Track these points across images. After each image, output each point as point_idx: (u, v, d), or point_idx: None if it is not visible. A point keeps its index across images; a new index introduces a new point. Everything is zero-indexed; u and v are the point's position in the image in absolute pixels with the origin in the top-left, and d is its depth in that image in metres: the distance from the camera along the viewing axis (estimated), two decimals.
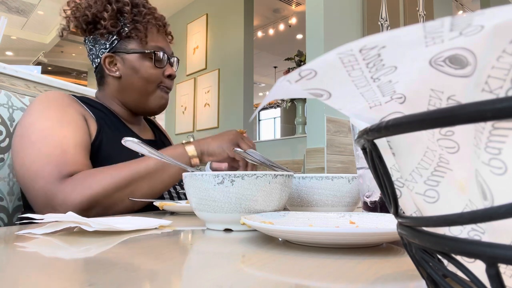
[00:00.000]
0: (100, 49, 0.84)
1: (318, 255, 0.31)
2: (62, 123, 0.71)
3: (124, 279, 0.24)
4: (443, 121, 0.11)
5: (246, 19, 4.42)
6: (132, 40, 0.83)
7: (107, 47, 0.83)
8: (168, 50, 0.88)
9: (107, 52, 0.83)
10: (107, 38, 0.83)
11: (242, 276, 0.26)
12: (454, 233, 0.17)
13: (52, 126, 0.70)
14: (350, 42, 0.13)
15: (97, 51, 0.84)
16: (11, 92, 0.86)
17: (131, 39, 0.83)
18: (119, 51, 0.83)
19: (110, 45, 0.83)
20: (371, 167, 0.18)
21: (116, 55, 0.83)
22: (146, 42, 0.83)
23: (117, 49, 0.83)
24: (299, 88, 0.16)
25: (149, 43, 0.84)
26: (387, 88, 0.16)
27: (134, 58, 0.83)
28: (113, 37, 0.83)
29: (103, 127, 0.78)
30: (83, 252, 0.35)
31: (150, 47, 0.84)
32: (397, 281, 0.25)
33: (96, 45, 0.84)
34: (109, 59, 0.84)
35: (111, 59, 0.84)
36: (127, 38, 0.83)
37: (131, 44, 0.83)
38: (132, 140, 0.53)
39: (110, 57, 0.83)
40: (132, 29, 0.82)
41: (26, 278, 0.25)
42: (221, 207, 0.44)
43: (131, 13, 0.82)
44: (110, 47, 0.83)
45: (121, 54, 0.83)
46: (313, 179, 0.57)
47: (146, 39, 0.83)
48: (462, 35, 0.12)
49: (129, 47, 0.83)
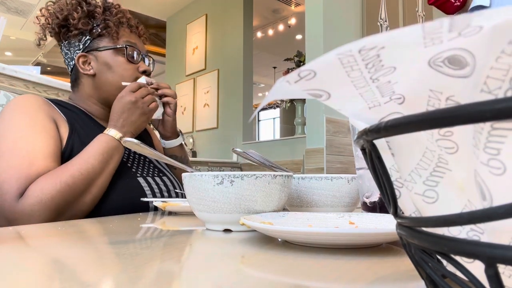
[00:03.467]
0: (74, 51, 0.86)
1: (317, 256, 0.31)
2: (32, 132, 0.71)
3: (123, 279, 0.24)
4: (442, 122, 0.11)
5: (246, 19, 4.42)
6: (103, 38, 0.85)
7: (80, 48, 0.85)
8: (141, 47, 0.90)
9: (80, 52, 0.85)
10: (79, 39, 0.85)
11: (242, 277, 0.26)
12: (453, 233, 0.17)
13: (21, 136, 0.70)
14: (349, 43, 0.14)
15: (72, 53, 0.87)
16: (10, 93, 0.86)
17: (102, 37, 0.85)
18: (91, 49, 0.85)
19: (83, 45, 0.85)
20: (370, 167, 0.18)
21: (89, 54, 0.85)
22: (117, 38, 0.85)
23: (90, 48, 0.85)
24: (299, 88, 0.16)
25: (120, 39, 0.86)
26: (386, 89, 0.16)
27: (107, 54, 0.85)
28: (86, 37, 0.85)
29: (75, 128, 0.79)
30: (83, 252, 0.34)
31: (121, 43, 0.86)
32: (397, 281, 0.25)
33: (70, 48, 0.87)
34: (82, 59, 0.85)
35: (85, 59, 0.85)
36: (99, 37, 0.85)
37: (103, 42, 0.85)
38: (132, 141, 0.53)
39: (84, 56, 0.85)
40: (104, 28, 0.84)
41: (26, 278, 0.25)
42: (221, 207, 0.44)
43: (102, 14, 0.85)
44: (83, 47, 0.85)
45: (94, 52, 0.85)
46: (313, 180, 0.57)
47: (117, 36, 0.85)
48: (461, 36, 0.12)
49: (101, 45, 0.85)
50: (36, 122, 0.73)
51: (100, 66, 0.85)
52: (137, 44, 0.89)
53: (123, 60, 0.86)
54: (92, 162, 0.70)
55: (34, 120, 0.73)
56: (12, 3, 5.36)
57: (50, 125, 0.74)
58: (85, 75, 0.86)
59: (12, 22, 5.82)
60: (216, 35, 4.68)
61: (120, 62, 0.85)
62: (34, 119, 0.73)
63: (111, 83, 0.85)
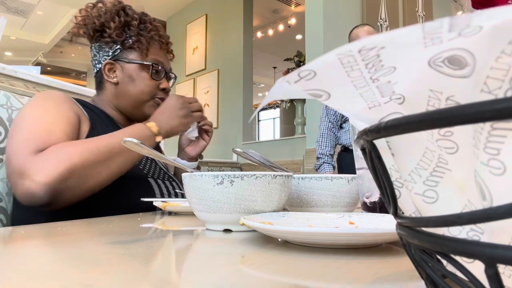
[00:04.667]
0: (103, 56, 0.89)
1: (317, 256, 0.31)
2: (55, 114, 0.73)
3: (123, 279, 0.24)
4: (442, 122, 0.11)
5: (246, 19, 4.42)
6: (133, 51, 0.88)
7: (109, 55, 0.88)
8: (166, 66, 0.93)
9: (109, 59, 0.88)
10: (110, 47, 0.88)
11: (242, 277, 0.26)
12: (453, 233, 0.17)
13: (44, 114, 0.72)
14: (349, 43, 0.14)
15: (100, 57, 0.89)
16: (10, 93, 0.86)
17: (133, 50, 0.88)
18: (120, 59, 0.88)
19: (113, 53, 0.88)
20: (370, 167, 0.18)
21: (116, 63, 0.88)
22: (146, 54, 0.89)
23: (118, 58, 0.88)
24: (299, 88, 0.16)
25: (149, 56, 0.89)
26: (386, 89, 0.16)
27: (133, 68, 0.88)
28: (117, 46, 0.88)
29: (96, 128, 0.81)
30: (83, 252, 0.34)
31: (149, 60, 0.89)
32: (396, 281, 0.25)
33: (100, 52, 0.89)
34: (109, 66, 0.88)
35: (111, 66, 0.89)
36: (129, 49, 0.88)
37: (132, 55, 0.88)
38: (132, 141, 0.53)
39: (111, 64, 0.88)
40: (136, 41, 0.88)
41: (25, 278, 0.25)
42: (221, 207, 0.44)
43: (137, 27, 0.88)
44: (112, 55, 0.88)
45: (121, 62, 0.88)
46: (313, 180, 0.57)
47: (147, 52, 0.88)
48: (461, 36, 0.12)
49: (130, 57, 0.88)
50: (60, 109, 0.75)
51: (124, 77, 0.88)
52: (164, 63, 0.92)
53: (147, 76, 0.89)
54: (117, 141, 0.71)
55: (58, 107, 0.76)
56: (12, 3, 5.36)
57: (73, 116, 0.77)
58: (108, 82, 0.89)
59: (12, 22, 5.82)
60: (216, 35, 4.68)
61: (143, 77, 0.88)
62: (59, 106, 0.76)
63: (131, 96, 0.89)
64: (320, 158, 2.12)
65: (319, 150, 2.12)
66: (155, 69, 0.89)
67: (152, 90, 0.90)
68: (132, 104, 0.89)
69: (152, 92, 0.90)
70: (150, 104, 0.91)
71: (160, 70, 0.90)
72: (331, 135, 2.12)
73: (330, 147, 2.11)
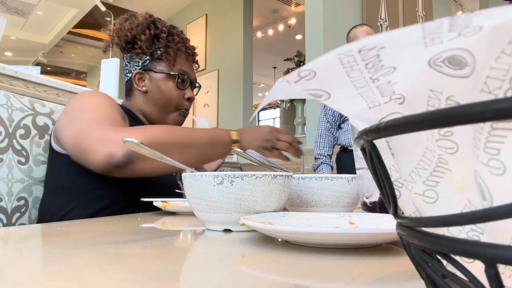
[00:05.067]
0: (133, 65, 0.96)
1: (317, 256, 0.31)
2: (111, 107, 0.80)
3: (123, 279, 0.24)
4: (442, 122, 0.11)
5: (246, 19, 4.42)
6: (162, 61, 0.95)
7: (139, 65, 0.95)
8: (192, 76, 1.00)
9: (139, 69, 0.95)
10: (140, 57, 0.95)
11: (242, 277, 0.26)
12: (453, 233, 0.17)
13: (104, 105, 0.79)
14: (349, 43, 0.14)
15: (131, 67, 0.96)
16: (10, 93, 0.86)
17: (161, 61, 0.95)
18: (149, 69, 0.95)
19: (142, 63, 0.95)
20: (370, 167, 0.18)
21: (145, 73, 0.95)
22: (173, 65, 0.95)
23: (147, 68, 0.95)
24: (299, 88, 0.16)
25: (176, 67, 0.95)
26: (386, 89, 0.16)
27: (160, 77, 0.94)
28: (146, 57, 0.95)
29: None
30: (82, 252, 0.34)
31: (176, 70, 0.95)
32: (396, 281, 0.25)
33: (131, 62, 0.96)
34: (139, 76, 0.95)
35: (141, 76, 0.95)
36: (158, 60, 0.95)
37: (159, 65, 0.95)
38: (132, 141, 0.53)
39: (140, 74, 0.95)
40: (164, 53, 0.94)
41: (25, 278, 0.25)
42: (221, 207, 0.44)
43: (166, 40, 0.94)
44: (142, 65, 0.95)
45: (150, 72, 0.95)
46: (313, 180, 0.57)
47: (174, 63, 0.95)
48: (461, 36, 0.12)
49: (158, 68, 0.94)
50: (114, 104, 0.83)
51: (152, 86, 0.94)
52: (189, 73, 0.98)
53: (173, 86, 0.95)
54: (198, 136, 0.76)
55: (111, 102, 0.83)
56: (12, 3, 5.36)
57: (122, 112, 0.84)
58: (137, 90, 0.96)
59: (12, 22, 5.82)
60: (216, 35, 4.68)
61: (170, 87, 0.95)
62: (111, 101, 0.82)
63: (158, 104, 0.95)
64: (318, 159, 2.11)
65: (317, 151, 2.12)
66: (180, 78, 0.95)
67: (177, 99, 0.96)
68: (158, 112, 0.95)
69: (177, 101, 0.96)
70: (174, 115, 0.97)
71: (186, 80, 0.96)
72: (329, 135, 2.12)
73: (328, 148, 2.11)
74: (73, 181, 0.80)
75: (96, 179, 0.74)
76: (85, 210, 0.77)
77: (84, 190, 0.79)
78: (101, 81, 1.96)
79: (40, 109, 0.90)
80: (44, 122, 0.90)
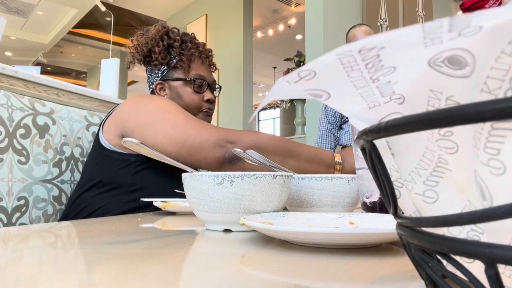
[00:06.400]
0: (154, 77, 1.01)
1: (317, 256, 0.31)
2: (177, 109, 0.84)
3: (123, 279, 0.24)
4: (442, 122, 0.11)
5: (246, 19, 4.42)
6: (177, 69, 0.99)
7: (158, 76, 1.00)
8: (209, 78, 1.03)
9: (159, 80, 1.00)
10: (159, 68, 1.00)
11: (242, 277, 0.26)
12: (453, 233, 0.17)
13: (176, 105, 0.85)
14: (349, 43, 0.14)
15: (152, 78, 1.02)
16: (11, 93, 0.86)
17: (177, 69, 0.99)
18: (167, 79, 0.99)
19: (161, 74, 1.00)
20: (370, 167, 0.18)
21: (165, 83, 1.00)
22: (188, 71, 0.99)
23: (166, 77, 1.00)
24: (299, 88, 0.16)
25: (191, 72, 0.99)
26: (386, 89, 0.16)
27: (178, 85, 0.99)
28: (164, 67, 1.00)
29: None
30: (83, 252, 0.34)
31: (191, 75, 0.99)
32: (397, 281, 0.25)
33: (152, 74, 1.02)
34: (159, 86, 1.00)
35: (161, 86, 1.00)
36: (174, 68, 0.99)
37: (176, 73, 0.99)
38: (132, 141, 0.53)
39: (161, 84, 1.00)
40: (178, 61, 0.99)
41: (25, 278, 0.25)
42: (221, 207, 0.44)
43: (179, 48, 0.99)
44: (161, 76, 1.00)
45: (169, 81, 0.99)
46: (313, 180, 0.57)
47: (188, 69, 0.99)
48: (461, 36, 0.12)
49: (175, 76, 0.99)
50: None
51: (172, 94, 0.99)
52: (206, 76, 1.01)
53: (191, 91, 0.99)
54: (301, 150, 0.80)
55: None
56: (12, 3, 5.36)
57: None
58: None
59: (12, 22, 5.82)
60: (216, 35, 4.68)
61: (188, 92, 0.99)
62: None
63: None
64: None
65: None
66: (197, 83, 0.99)
67: (197, 102, 0.99)
68: None
69: (198, 104, 0.99)
70: (200, 116, 1.00)
71: (203, 83, 1.00)
72: (330, 136, 2.12)
73: (329, 148, 2.11)
74: (118, 177, 0.83)
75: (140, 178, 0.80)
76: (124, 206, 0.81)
77: (128, 185, 0.83)
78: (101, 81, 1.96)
79: (40, 109, 0.90)
80: (44, 121, 0.90)
